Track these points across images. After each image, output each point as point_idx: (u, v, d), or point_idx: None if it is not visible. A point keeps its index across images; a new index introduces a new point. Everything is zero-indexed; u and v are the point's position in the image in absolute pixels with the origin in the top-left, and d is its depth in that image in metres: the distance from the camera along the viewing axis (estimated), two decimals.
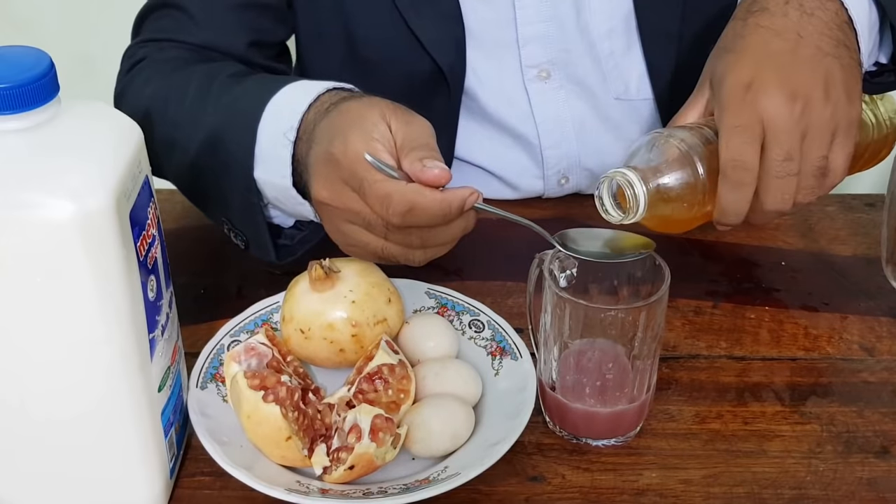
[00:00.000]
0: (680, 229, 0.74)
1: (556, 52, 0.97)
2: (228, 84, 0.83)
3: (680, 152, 0.71)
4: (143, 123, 0.63)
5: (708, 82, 0.76)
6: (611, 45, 0.98)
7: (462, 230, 0.69)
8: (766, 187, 0.71)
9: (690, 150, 0.71)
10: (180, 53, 0.92)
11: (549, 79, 0.98)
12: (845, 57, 0.74)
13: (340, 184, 0.68)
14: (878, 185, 0.91)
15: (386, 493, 0.66)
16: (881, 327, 0.84)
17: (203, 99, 0.83)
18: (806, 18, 0.75)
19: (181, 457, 0.72)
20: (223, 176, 0.81)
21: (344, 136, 0.68)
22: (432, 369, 0.74)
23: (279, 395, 0.67)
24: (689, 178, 0.71)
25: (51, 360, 0.60)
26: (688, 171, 0.71)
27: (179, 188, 0.90)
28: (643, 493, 0.70)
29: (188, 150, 0.83)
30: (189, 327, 0.78)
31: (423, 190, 0.66)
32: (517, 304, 0.85)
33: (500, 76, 0.98)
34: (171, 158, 0.86)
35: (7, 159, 0.57)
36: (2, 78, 0.56)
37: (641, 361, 0.70)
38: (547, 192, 1.02)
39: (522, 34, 0.97)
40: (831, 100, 0.71)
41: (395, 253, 0.69)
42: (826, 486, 0.70)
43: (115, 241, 0.58)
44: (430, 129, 0.69)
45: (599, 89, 0.99)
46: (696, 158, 0.71)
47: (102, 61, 1.74)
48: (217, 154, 0.80)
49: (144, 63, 0.92)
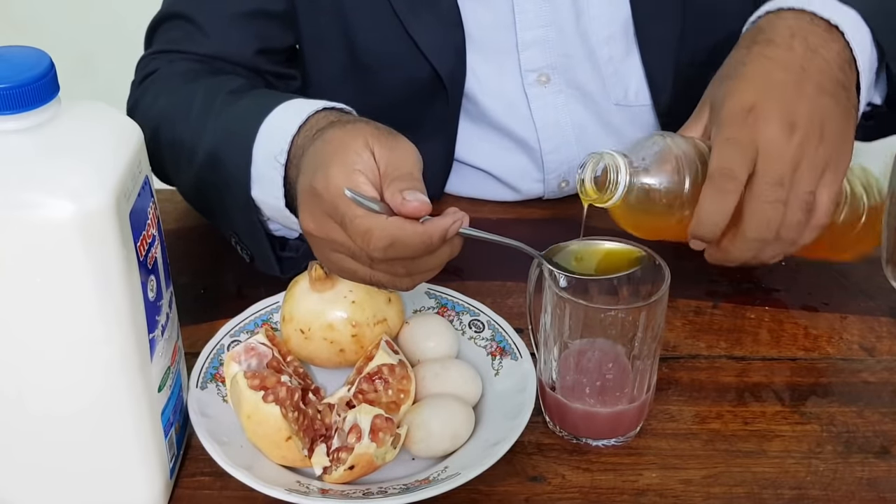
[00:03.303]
0: (648, 235, 0.74)
1: (556, 57, 0.97)
2: (228, 101, 0.84)
3: (672, 155, 0.71)
4: (153, 139, 0.63)
5: (708, 105, 0.76)
6: (609, 51, 0.98)
7: (448, 255, 0.69)
8: (752, 211, 0.70)
9: (683, 156, 0.71)
10: (190, 66, 0.94)
11: (549, 83, 0.98)
12: (843, 99, 0.74)
13: (324, 217, 0.68)
14: None
15: (386, 493, 0.66)
16: (881, 327, 0.84)
17: (205, 116, 0.84)
18: (810, 54, 0.75)
19: (181, 457, 0.72)
20: (225, 193, 0.82)
21: (325, 170, 0.68)
22: (432, 369, 0.74)
23: (279, 396, 0.67)
24: (673, 182, 0.71)
25: (51, 360, 0.60)
26: (674, 175, 0.71)
27: (189, 202, 0.92)
28: (643, 493, 0.70)
29: (193, 166, 0.84)
30: (189, 327, 0.78)
31: (404, 224, 0.65)
32: (517, 304, 0.85)
33: (500, 80, 0.98)
34: (178, 174, 0.88)
35: (7, 159, 0.57)
36: (2, 78, 0.56)
37: (641, 361, 0.70)
38: (547, 194, 1.02)
39: (522, 39, 0.97)
40: (826, 139, 0.72)
41: (383, 280, 0.69)
42: (826, 486, 0.70)
43: (115, 241, 0.58)
44: (414, 154, 0.69)
45: (600, 95, 0.99)
46: (685, 165, 0.71)
47: (102, 61, 1.74)
48: (218, 172, 0.81)
49: (155, 76, 0.94)
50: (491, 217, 0.98)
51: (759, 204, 0.70)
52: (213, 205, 0.86)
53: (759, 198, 0.70)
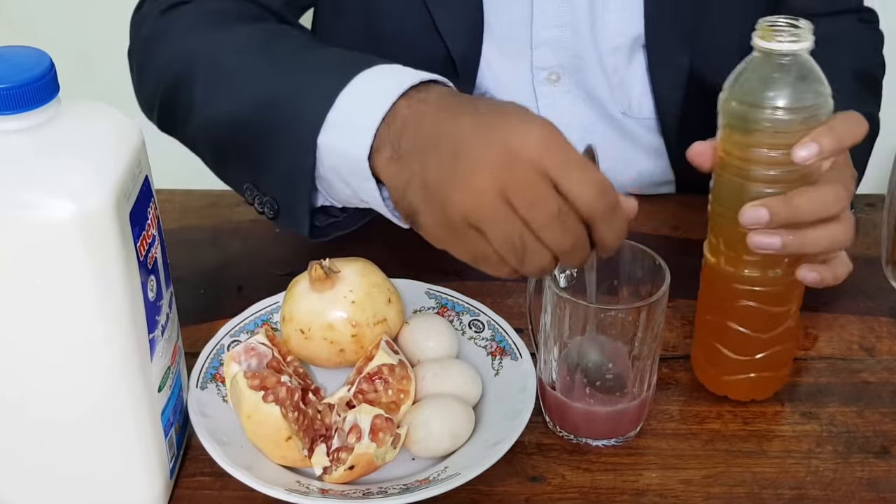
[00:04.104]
0: None
1: (567, 58, 0.98)
2: (305, 48, 0.80)
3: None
4: (182, 69, 0.58)
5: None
6: (615, 61, 0.98)
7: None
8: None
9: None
10: (223, 5, 0.90)
11: (559, 82, 0.99)
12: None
13: (526, 178, 0.61)
14: (879, 185, 0.91)
15: (386, 493, 0.66)
16: (881, 327, 0.84)
17: (265, 55, 0.80)
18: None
19: (181, 457, 0.72)
20: (275, 135, 0.75)
21: (529, 125, 0.62)
22: (432, 369, 0.74)
23: (279, 396, 0.67)
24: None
25: (50, 360, 0.60)
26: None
27: (199, 145, 0.85)
28: (643, 493, 0.70)
29: (234, 103, 0.78)
30: (189, 327, 0.78)
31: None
32: (517, 304, 0.85)
33: (512, 74, 0.99)
34: (204, 110, 0.81)
35: (7, 159, 0.57)
36: (2, 78, 0.56)
37: (641, 361, 0.70)
38: None
39: (536, 36, 0.97)
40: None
41: (565, 247, 0.63)
42: (826, 486, 0.70)
43: (115, 241, 0.58)
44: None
45: (608, 101, 1.00)
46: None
47: (102, 61, 1.74)
48: (276, 112, 0.75)
49: (186, 8, 0.90)
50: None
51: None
52: (247, 148, 0.78)
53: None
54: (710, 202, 0.73)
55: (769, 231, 0.68)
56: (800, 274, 0.71)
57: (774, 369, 0.76)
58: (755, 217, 0.68)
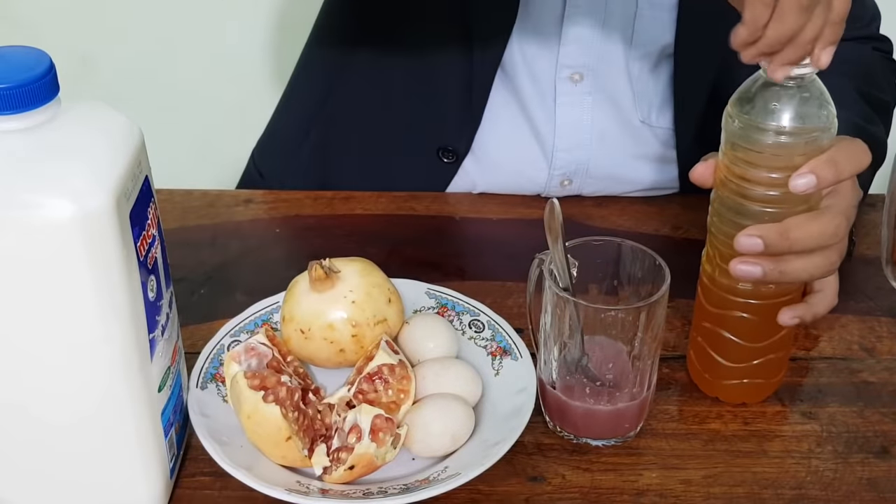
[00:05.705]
0: None
1: (593, 59, 0.98)
2: None
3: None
4: None
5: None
6: (641, 68, 0.99)
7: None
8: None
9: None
10: None
11: (581, 82, 0.99)
12: None
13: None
14: (878, 185, 0.91)
15: (386, 493, 0.66)
16: (881, 327, 0.84)
17: None
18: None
19: (181, 457, 0.72)
20: None
21: None
22: (432, 369, 0.74)
23: (279, 396, 0.67)
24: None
25: (50, 360, 0.60)
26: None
27: None
28: (643, 493, 0.70)
29: None
30: (189, 327, 0.78)
31: None
32: (517, 304, 0.85)
33: (537, 65, 0.99)
34: None
35: (7, 160, 0.57)
36: (2, 78, 0.56)
37: (641, 361, 0.70)
38: (548, 189, 1.02)
39: (566, 33, 0.97)
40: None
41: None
42: (826, 486, 0.70)
43: (115, 242, 0.58)
44: None
45: (629, 108, 1.01)
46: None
47: (102, 61, 1.74)
48: None
49: None
50: (492, 217, 0.98)
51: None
52: None
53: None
54: (709, 214, 0.73)
55: (751, 259, 0.69)
56: (780, 319, 0.72)
57: (767, 376, 0.76)
58: (749, 246, 0.68)
